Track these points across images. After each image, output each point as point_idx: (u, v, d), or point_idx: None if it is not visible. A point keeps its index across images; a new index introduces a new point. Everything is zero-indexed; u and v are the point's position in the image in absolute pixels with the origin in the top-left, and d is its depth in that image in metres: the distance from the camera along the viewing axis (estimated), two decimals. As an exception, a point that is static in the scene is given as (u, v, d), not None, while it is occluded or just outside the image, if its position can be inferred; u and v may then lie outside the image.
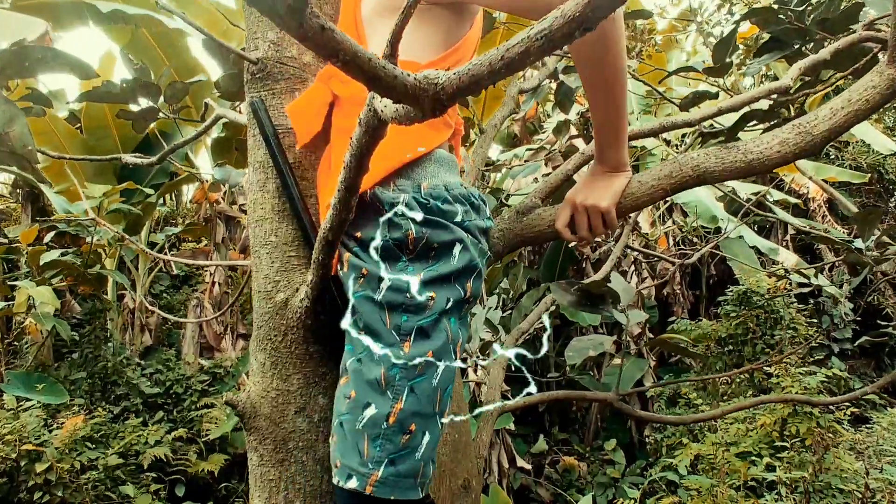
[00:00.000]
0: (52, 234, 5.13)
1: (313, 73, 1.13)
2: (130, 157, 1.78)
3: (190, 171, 4.77)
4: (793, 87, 1.28)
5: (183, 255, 6.51)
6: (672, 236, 5.52)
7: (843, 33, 1.41)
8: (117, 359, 5.24)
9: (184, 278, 7.04)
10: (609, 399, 1.67)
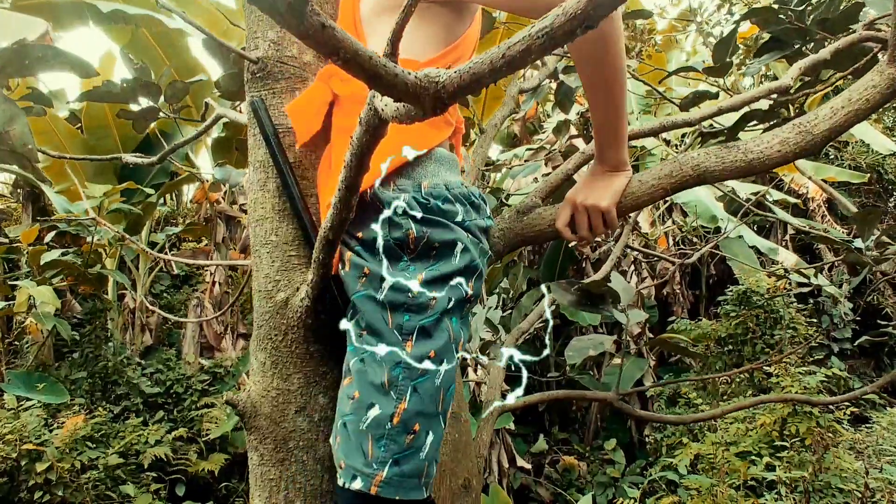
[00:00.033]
0: (53, 234, 5.13)
1: (314, 73, 1.13)
2: (131, 157, 1.77)
3: (190, 171, 4.77)
4: (793, 86, 1.28)
5: (183, 255, 6.51)
6: (672, 236, 5.52)
7: (843, 33, 1.41)
8: (118, 358, 5.24)
9: (184, 278, 7.05)
10: (609, 399, 1.67)
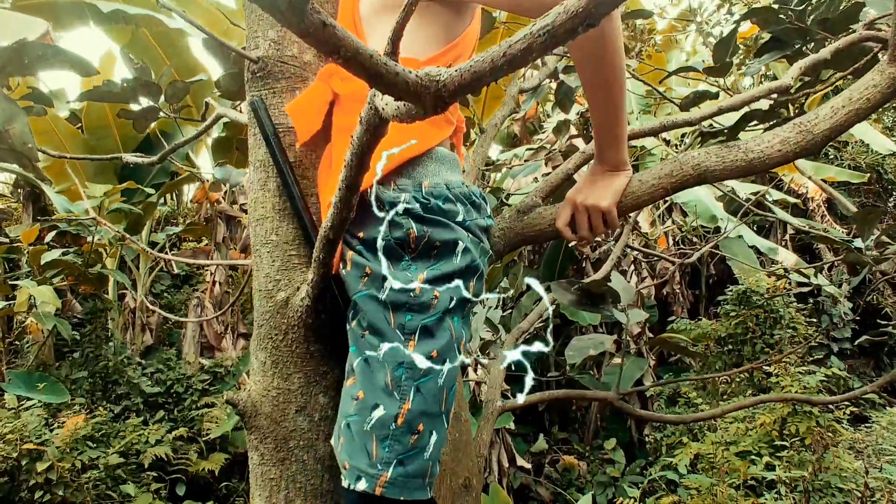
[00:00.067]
0: (53, 234, 5.13)
1: (314, 72, 1.13)
2: (131, 157, 1.77)
3: (191, 171, 4.76)
4: (793, 86, 1.28)
5: (184, 255, 6.51)
6: (672, 236, 5.52)
7: (844, 33, 1.41)
8: (118, 358, 5.24)
9: (184, 278, 7.05)
10: (609, 398, 1.67)
